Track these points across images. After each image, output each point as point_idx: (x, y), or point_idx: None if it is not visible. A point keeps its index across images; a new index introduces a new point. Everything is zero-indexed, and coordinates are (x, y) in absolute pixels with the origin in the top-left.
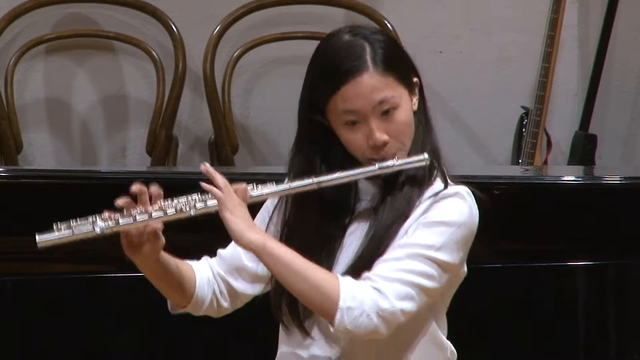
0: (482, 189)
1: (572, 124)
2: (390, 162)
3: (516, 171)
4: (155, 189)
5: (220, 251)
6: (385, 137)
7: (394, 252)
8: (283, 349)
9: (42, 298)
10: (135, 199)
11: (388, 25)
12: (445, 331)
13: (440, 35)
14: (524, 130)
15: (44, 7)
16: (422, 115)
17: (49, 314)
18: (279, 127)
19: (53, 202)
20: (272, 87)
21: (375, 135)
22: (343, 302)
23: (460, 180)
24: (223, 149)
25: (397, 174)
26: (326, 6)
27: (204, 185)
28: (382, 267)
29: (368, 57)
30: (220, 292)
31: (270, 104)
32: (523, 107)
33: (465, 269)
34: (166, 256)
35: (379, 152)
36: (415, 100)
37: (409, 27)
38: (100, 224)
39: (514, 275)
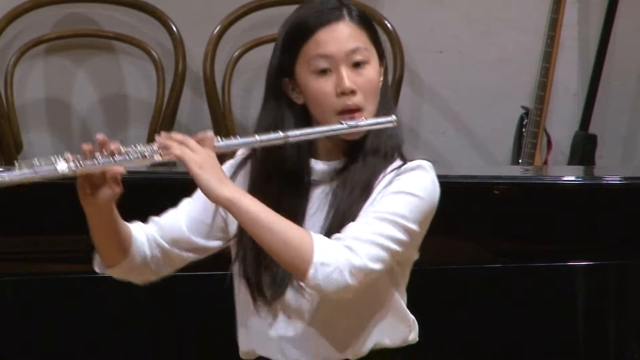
0: (482, 189)
1: (572, 124)
2: (357, 121)
3: (516, 171)
4: (116, 141)
5: (155, 219)
6: (353, 85)
7: (362, 217)
8: (246, 344)
9: (42, 298)
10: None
11: (388, 25)
12: (405, 301)
13: (440, 35)
14: (524, 130)
15: (44, 7)
16: (385, 96)
17: (49, 314)
18: None
19: (53, 202)
20: None
21: (344, 81)
22: (317, 258)
23: (460, 180)
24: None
25: (357, 149)
26: None
27: (159, 140)
28: (353, 228)
29: (345, 10)
30: (152, 255)
31: None
32: (523, 107)
33: (417, 253)
34: (115, 209)
35: (344, 100)
36: (381, 65)
37: (409, 27)
38: (62, 163)
39: (514, 275)
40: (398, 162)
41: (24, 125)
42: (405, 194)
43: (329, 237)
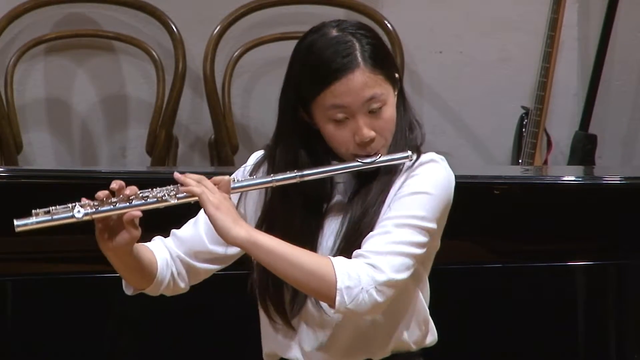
0: (482, 189)
1: (572, 124)
2: (373, 159)
3: (516, 171)
4: (133, 187)
5: (176, 232)
6: (372, 133)
7: (380, 226)
8: (269, 346)
9: (42, 298)
10: (114, 195)
11: (388, 25)
12: (428, 295)
13: (440, 35)
14: (524, 130)
15: (44, 7)
16: (400, 103)
17: (49, 314)
18: None
19: (53, 202)
20: (272, 87)
21: (363, 132)
22: (341, 283)
23: (460, 180)
24: (223, 149)
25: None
26: (326, 6)
27: (178, 178)
28: (372, 242)
29: (358, 54)
30: (178, 273)
31: (270, 104)
32: (523, 107)
33: (439, 242)
34: (136, 247)
35: (364, 148)
36: (395, 93)
37: (409, 27)
38: (79, 209)
39: (514, 275)
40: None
41: (24, 125)
42: (420, 194)
43: (346, 247)
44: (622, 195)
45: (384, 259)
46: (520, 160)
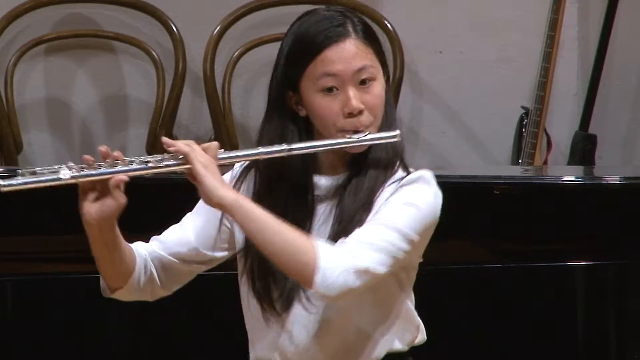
0: (482, 189)
1: (572, 124)
2: (361, 135)
3: (516, 171)
4: (119, 152)
5: (157, 237)
6: (361, 105)
7: (368, 223)
8: (256, 351)
9: (42, 298)
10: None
11: (388, 25)
12: (413, 303)
13: (440, 35)
14: (524, 130)
15: (44, 7)
16: (388, 106)
17: (49, 314)
18: None
19: (53, 202)
20: None
21: (352, 102)
22: (322, 263)
23: (460, 180)
24: (223, 149)
25: (361, 161)
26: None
27: (165, 140)
28: (357, 233)
29: (350, 26)
30: (157, 273)
31: None
32: (523, 107)
33: (421, 257)
34: (117, 228)
35: (352, 121)
36: (385, 79)
37: (409, 27)
38: (65, 171)
39: (514, 275)
40: (400, 173)
41: (24, 125)
42: (407, 205)
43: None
44: (622, 195)
45: (366, 248)
46: (520, 160)
